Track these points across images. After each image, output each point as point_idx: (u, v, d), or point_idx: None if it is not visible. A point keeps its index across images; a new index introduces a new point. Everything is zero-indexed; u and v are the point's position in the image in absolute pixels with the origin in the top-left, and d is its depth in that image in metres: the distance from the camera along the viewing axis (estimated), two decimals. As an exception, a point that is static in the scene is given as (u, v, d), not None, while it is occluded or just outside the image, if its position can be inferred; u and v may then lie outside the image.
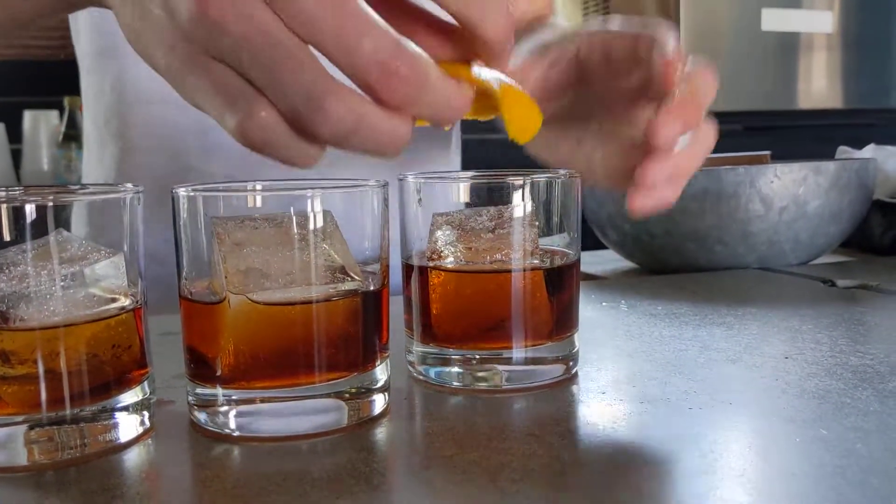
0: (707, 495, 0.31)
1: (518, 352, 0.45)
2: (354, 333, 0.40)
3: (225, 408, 0.39)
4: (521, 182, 0.45)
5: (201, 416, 0.40)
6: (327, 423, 0.39)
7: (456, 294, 0.46)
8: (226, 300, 0.38)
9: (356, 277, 0.40)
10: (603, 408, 0.42)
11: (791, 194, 0.82)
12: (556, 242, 0.48)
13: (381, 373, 0.42)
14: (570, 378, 0.47)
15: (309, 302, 0.38)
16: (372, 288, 0.41)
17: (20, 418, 0.35)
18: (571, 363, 0.48)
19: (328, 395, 0.39)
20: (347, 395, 0.40)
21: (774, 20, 2.32)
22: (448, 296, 0.46)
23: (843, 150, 1.13)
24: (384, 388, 0.42)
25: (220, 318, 0.39)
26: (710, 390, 0.44)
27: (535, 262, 0.46)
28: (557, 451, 0.36)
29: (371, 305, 0.41)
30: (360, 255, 0.41)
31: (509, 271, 0.45)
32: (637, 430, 0.39)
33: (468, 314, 0.46)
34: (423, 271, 0.46)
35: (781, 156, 1.09)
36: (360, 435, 0.39)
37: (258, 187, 0.40)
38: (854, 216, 0.87)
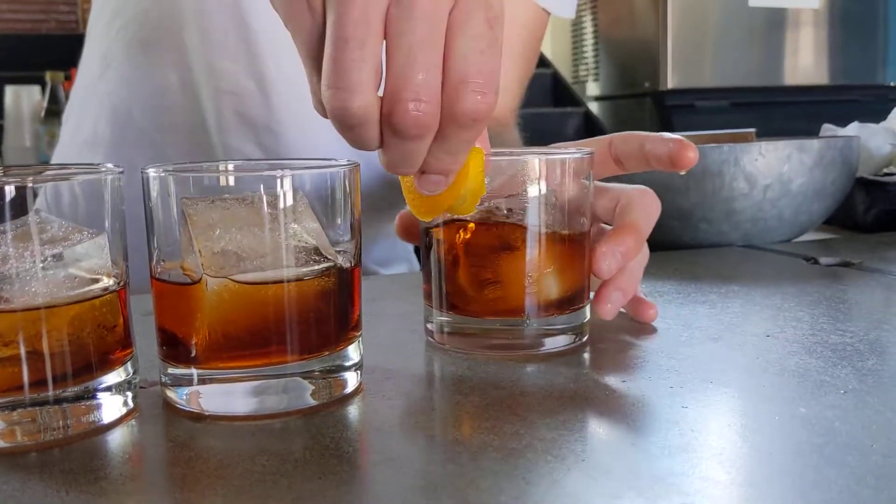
0: (686, 473, 0.32)
1: (532, 320, 0.48)
2: (327, 313, 0.40)
3: (199, 387, 0.39)
4: (532, 160, 0.47)
5: (174, 396, 0.40)
6: (301, 401, 0.39)
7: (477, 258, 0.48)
8: (201, 281, 0.38)
9: (329, 257, 0.40)
10: (583, 384, 0.42)
11: (775, 172, 0.82)
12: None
13: (353, 351, 0.42)
14: (580, 346, 0.49)
15: (283, 282, 0.38)
16: (345, 266, 0.41)
17: (3, 400, 0.35)
18: (579, 335, 0.50)
19: (301, 374, 0.39)
20: (319, 374, 0.40)
21: (762, -4, 2.32)
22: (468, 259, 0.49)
23: (828, 128, 1.14)
24: (357, 366, 0.42)
25: (195, 300, 0.39)
26: (692, 369, 0.44)
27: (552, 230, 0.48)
28: (540, 430, 0.36)
29: (344, 285, 0.41)
30: (332, 235, 0.41)
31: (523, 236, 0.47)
32: (617, 407, 0.40)
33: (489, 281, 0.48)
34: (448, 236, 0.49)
35: (767, 133, 1.09)
36: (334, 413, 0.39)
37: (230, 167, 0.40)
38: (837, 193, 0.88)
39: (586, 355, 0.48)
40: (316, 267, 0.40)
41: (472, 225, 0.48)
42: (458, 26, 0.36)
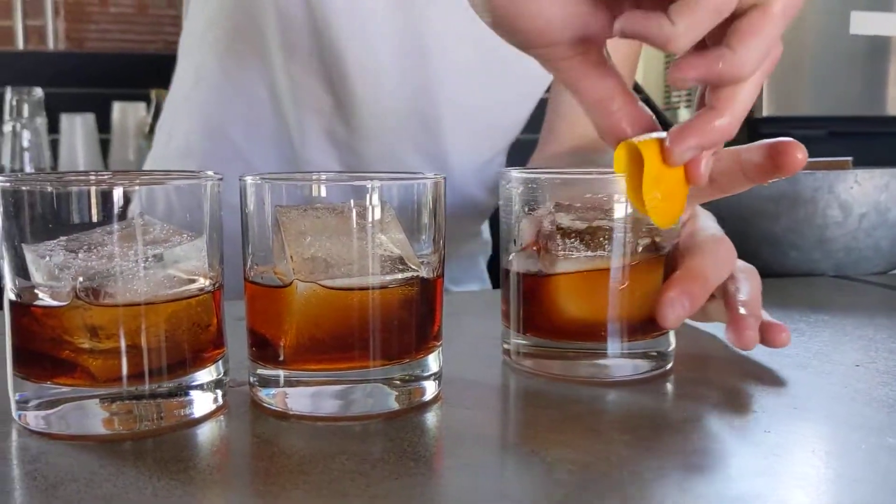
0: (765, 496, 0.31)
1: (614, 346, 0.46)
2: (409, 321, 0.41)
3: (286, 388, 0.41)
4: (619, 180, 0.46)
5: (262, 395, 0.41)
6: (383, 406, 0.40)
7: (558, 290, 0.47)
8: (292, 285, 0.39)
9: (413, 267, 0.41)
10: (663, 405, 0.42)
11: (872, 201, 0.79)
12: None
13: (432, 361, 0.43)
14: (663, 374, 0.47)
15: (368, 289, 0.40)
16: (428, 277, 0.42)
17: (103, 391, 0.37)
18: (664, 361, 0.48)
19: (383, 380, 0.40)
20: (399, 380, 0.41)
21: (864, 23, 2.25)
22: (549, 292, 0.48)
23: (931, 158, 1.09)
24: (436, 376, 0.43)
25: (285, 303, 0.40)
26: (776, 395, 0.44)
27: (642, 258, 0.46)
28: (617, 446, 0.36)
29: (426, 295, 0.42)
30: (416, 247, 0.42)
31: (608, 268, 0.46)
32: (697, 428, 0.39)
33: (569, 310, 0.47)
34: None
35: (866, 163, 1.06)
36: (412, 418, 0.40)
37: (322, 178, 0.42)
38: (938, 225, 0.85)
39: (668, 379, 0.47)
40: (399, 276, 0.41)
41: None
42: None
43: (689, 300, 0.44)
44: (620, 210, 0.45)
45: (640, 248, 0.46)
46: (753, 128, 2.36)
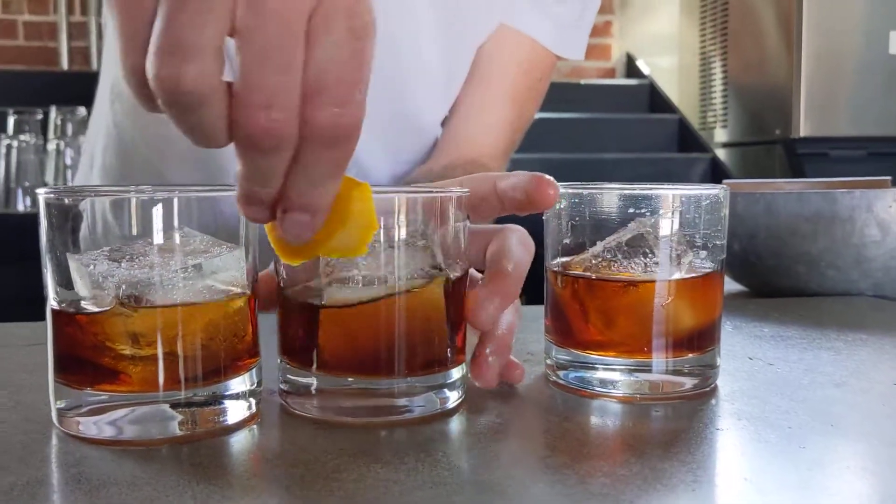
0: (800, 510, 0.31)
1: (659, 363, 0.46)
2: (432, 335, 0.42)
3: (317, 396, 0.42)
4: (666, 195, 0.46)
5: (294, 403, 0.43)
6: (407, 413, 0.41)
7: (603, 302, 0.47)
8: (322, 297, 0.41)
9: (437, 275, 0.42)
10: (699, 420, 0.42)
11: (911, 220, 0.79)
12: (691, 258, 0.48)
13: (456, 372, 0.44)
14: (708, 392, 0.47)
15: (394, 299, 0.41)
16: (450, 289, 0.43)
17: (140, 396, 0.38)
18: (706, 379, 0.48)
19: (405, 390, 0.41)
20: (425, 389, 0.42)
21: (904, 43, 2.23)
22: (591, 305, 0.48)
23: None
24: (457, 386, 0.44)
25: (316, 314, 0.41)
26: (812, 411, 0.43)
27: (682, 274, 0.46)
28: (651, 460, 0.36)
29: (451, 308, 0.43)
30: (441, 259, 0.43)
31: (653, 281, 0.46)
32: (732, 443, 0.39)
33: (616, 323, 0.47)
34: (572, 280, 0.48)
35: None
36: (438, 427, 0.41)
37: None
38: (980, 245, 0.83)
39: (705, 395, 0.47)
40: (424, 287, 0.42)
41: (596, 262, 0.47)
42: (316, 33, 0.32)
43: (500, 300, 0.44)
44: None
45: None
46: (790, 148, 2.35)
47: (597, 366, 0.47)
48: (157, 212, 0.39)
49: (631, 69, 3.28)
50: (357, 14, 0.33)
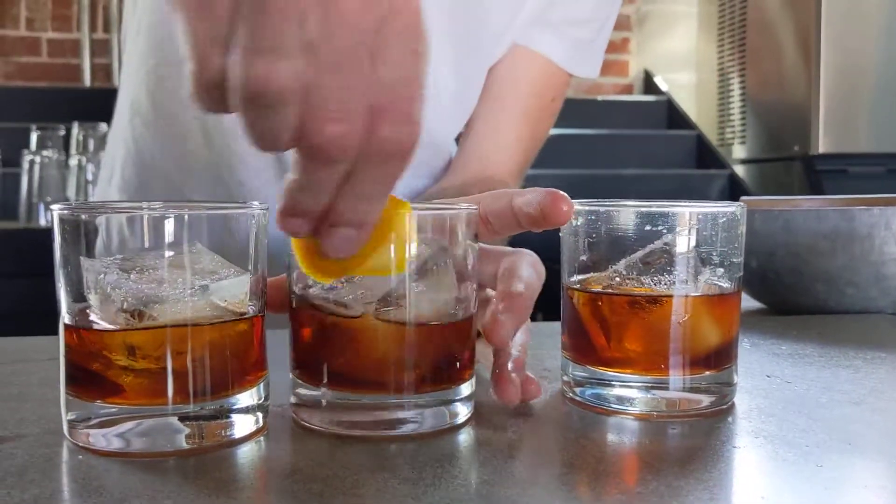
0: (816, 529, 0.31)
1: (676, 380, 0.46)
2: (447, 352, 0.43)
3: (328, 409, 0.42)
4: (683, 212, 0.46)
5: (306, 416, 0.43)
6: (420, 427, 0.42)
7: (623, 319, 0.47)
8: (337, 314, 0.42)
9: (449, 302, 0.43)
10: (716, 438, 0.42)
11: (930, 238, 0.78)
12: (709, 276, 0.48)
13: (466, 388, 0.44)
14: (725, 409, 0.47)
15: (405, 324, 0.41)
16: (461, 315, 0.44)
17: (148, 409, 0.39)
18: (724, 397, 0.48)
19: (421, 403, 0.42)
20: (436, 404, 0.43)
21: (923, 59, 2.23)
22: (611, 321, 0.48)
23: None
24: (467, 399, 0.44)
25: (328, 330, 0.42)
26: (829, 430, 0.43)
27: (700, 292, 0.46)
28: (667, 477, 0.36)
29: (461, 329, 0.44)
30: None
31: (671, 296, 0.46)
32: (748, 461, 0.39)
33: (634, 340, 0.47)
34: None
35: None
36: (450, 441, 0.41)
37: None
38: None
39: (722, 412, 0.47)
40: (440, 318, 0.43)
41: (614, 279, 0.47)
42: (384, 50, 0.32)
43: (515, 319, 0.45)
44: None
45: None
46: (808, 164, 2.34)
47: (614, 383, 0.47)
48: (169, 228, 0.39)
49: (649, 85, 3.28)
50: (420, 36, 0.33)
